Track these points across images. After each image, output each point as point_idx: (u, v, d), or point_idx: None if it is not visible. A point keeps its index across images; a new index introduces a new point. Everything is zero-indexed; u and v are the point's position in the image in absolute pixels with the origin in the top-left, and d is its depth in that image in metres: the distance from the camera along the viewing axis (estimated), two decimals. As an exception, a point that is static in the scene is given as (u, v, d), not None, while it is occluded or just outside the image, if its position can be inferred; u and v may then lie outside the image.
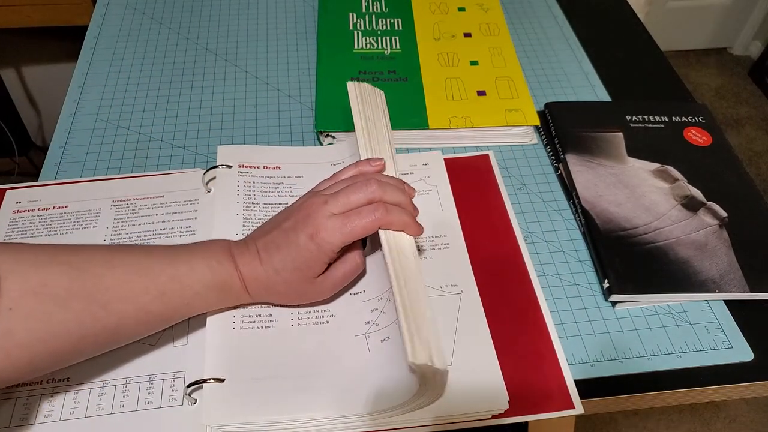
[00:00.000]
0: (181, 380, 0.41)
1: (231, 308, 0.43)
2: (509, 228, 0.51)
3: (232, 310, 0.43)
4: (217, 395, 0.40)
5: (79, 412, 0.40)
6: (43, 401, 0.40)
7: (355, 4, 0.72)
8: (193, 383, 0.40)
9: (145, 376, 0.41)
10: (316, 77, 0.65)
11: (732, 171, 0.56)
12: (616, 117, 0.60)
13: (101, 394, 0.40)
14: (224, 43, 0.70)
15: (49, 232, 0.49)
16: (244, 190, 0.51)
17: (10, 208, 0.50)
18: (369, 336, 0.43)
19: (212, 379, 0.40)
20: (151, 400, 0.40)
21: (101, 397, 0.40)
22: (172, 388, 0.41)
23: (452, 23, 0.71)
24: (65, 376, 0.41)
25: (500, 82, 0.64)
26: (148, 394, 0.41)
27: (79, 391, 0.41)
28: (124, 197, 0.51)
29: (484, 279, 0.47)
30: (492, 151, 0.58)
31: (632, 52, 0.73)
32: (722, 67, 2.05)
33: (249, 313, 0.44)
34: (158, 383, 0.41)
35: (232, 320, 0.43)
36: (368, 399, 0.40)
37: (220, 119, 0.61)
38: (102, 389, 0.41)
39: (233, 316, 0.43)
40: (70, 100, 0.62)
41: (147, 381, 0.41)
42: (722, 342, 0.46)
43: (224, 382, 0.40)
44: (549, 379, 0.42)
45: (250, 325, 0.43)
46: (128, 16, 0.72)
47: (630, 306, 0.48)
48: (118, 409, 0.40)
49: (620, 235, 0.50)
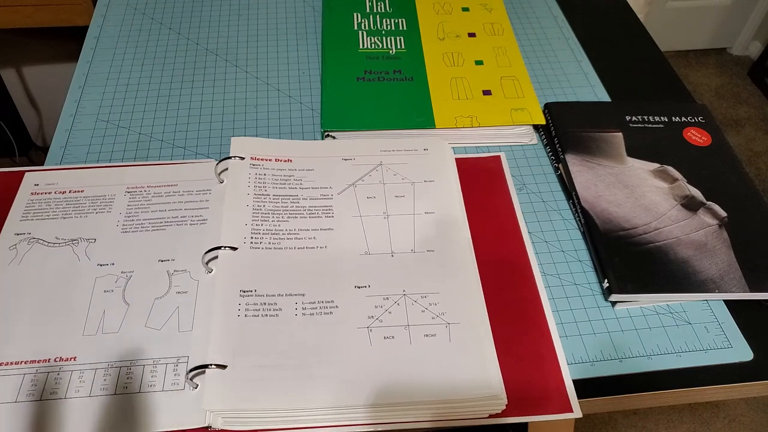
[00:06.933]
0: (184, 365, 0.42)
1: (237, 295, 0.44)
2: (517, 229, 0.51)
3: (238, 297, 0.44)
4: (218, 381, 0.40)
5: (84, 391, 0.41)
6: (50, 379, 0.41)
7: (359, 4, 0.72)
8: (195, 368, 0.41)
9: (149, 359, 0.42)
10: (321, 77, 0.65)
11: (731, 171, 0.56)
12: (616, 117, 0.61)
13: (106, 374, 0.41)
14: (224, 43, 0.70)
15: (65, 215, 0.50)
16: (256, 182, 0.52)
17: (29, 189, 0.52)
18: (372, 330, 0.43)
19: (214, 365, 0.41)
20: (154, 383, 0.41)
21: (106, 378, 0.41)
22: (174, 372, 0.42)
23: (456, 23, 0.71)
24: (72, 355, 0.42)
25: (505, 82, 0.64)
26: (151, 377, 0.41)
27: (84, 371, 0.41)
28: (138, 184, 0.53)
29: (489, 279, 0.47)
30: (504, 153, 0.58)
31: (632, 52, 0.73)
32: (722, 68, 2.05)
33: (254, 301, 0.44)
34: (162, 367, 0.42)
35: (237, 307, 0.44)
36: (369, 392, 0.40)
37: (220, 119, 0.61)
38: (107, 370, 0.42)
39: (239, 303, 0.44)
40: (70, 100, 0.62)
41: (151, 364, 0.42)
42: (722, 342, 0.46)
43: (226, 368, 0.41)
44: (548, 380, 0.43)
45: (255, 313, 0.44)
46: (128, 16, 0.72)
47: (630, 306, 0.48)
48: (121, 390, 0.41)
49: (620, 235, 0.50)
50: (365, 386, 0.40)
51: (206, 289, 0.46)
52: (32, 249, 0.48)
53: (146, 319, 0.44)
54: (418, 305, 0.45)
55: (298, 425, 0.40)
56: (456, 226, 0.50)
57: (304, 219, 0.50)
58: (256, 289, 0.45)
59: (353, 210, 0.51)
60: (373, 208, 0.51)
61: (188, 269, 0.47)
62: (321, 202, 0.51)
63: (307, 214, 0.50)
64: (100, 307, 0.45)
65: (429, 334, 0.43)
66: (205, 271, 0.47)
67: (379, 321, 0.44)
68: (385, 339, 0.43)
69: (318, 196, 0.52)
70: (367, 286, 0.46)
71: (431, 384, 0.41)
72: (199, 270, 0.47)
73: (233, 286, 0.45)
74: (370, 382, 0.41)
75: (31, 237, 0.48)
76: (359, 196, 0.52)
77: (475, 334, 0.44)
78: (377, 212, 0.51)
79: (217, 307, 0.44)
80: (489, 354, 0.43)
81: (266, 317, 0.43)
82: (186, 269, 0.47)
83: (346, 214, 0.51)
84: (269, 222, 0.49)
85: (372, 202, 0.52)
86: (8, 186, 0.52)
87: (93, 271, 0.47)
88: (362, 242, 0.49)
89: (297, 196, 0.51)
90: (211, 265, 0.47)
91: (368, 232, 0.49)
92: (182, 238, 0.49)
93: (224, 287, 0.45)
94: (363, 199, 0.52)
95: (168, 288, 0.46)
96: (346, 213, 0.51)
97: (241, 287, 0.45)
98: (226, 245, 0.47)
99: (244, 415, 0.39)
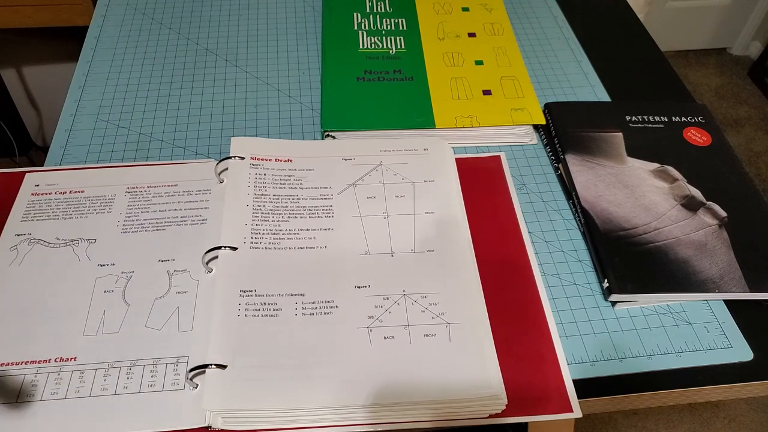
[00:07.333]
0: (184, 365, 0.42)
1: (237, 295, 0.44)
2: (517, 229, 0.51)
3: (238, 297, 0.44)
4: (218, 381, 0.40)
5: (84, 391, 0.41)
6: (50, 379, 0.41)
7: (359, 4, 0.72)
8: (195, 368, 0.41)
9: (149, 359, 0.42)
10: (321, 77, 0.65)
11: (731, 171, 0.56)
12: (616, 117, 0.61)
13: (106, 374, 0.42)
14: (224, 43, 0.70)
15: (65, 215, 0.50)
16: (256, 182, 0.52)
17: (29, 190, 0.52)
18: (372, 330, 0.43)
19: (214, 365, 0.41)
20: (154, 383, 0.41)
21: (106, 378, 0.41)
22: (175, 372, 0.42)
23: (456, 23, 0.71)
24: (72, 356, 0.42)
25: (505, 82, 0.64)
26: (151, 378, 0.41)
27: (85, 371, 0.42)
28: (139, 184, 0.53)
29: (488, 279, 0.47)
30: (504, 153, 0.58)
31: (632, 52, 0.73)
32: (722, 68, 2.05)
33: (254, 301, 0.44)
34: (162, 367, 0.42)
35: (237, 307, 0.44)
36: (368, 392, 0.40)
37: (220, 119, 0.61)
38: (107, 370, 0.42)
39: (238, 303, 0.44)
40: (70, 100, 0.62)
41: (151, 364, 0.42)
42: (722, 342, 0.46)
43: (226, 368, 0.41)
44: (548, 380, 0.43)
45: (255, 313, 0.44)
46: (128, 16, 0.72)
47: (630, 306, 0.48)
48: (122, 390, 0.41)
49: (620, 235, 0.50)
50: (365, 386, 0.40)
51: (206, 289, 0.46)
52: (33, 249, 0.48)
53: (146, 319, 0.44)
54: (418, 305, 0.45)
55: (298, 425, 0.40)
56: (456, 226, 0.50)
57: (304, 219, 0.50)
58: (256, 289, 0.45)
59: (353, 210, 0.51)
60: (373, 208, 0.51)
61: (188, 269, 0.47)
62: (321, 202, 0.51)
63: (307, 214, 0.50)
64: (100, 308, 0.45)
65: (429, 334, 0.43)
66: (205, 271, 0.47)
67: (379, 321, 0.44)
68: (385, 339, 0.43)
69: (318, 196, 0.52)
70: (367, 286, 0.46)
71: (431, 384, 0.41)
72: (199, 270, 0.47)
73: (233, 286, 0.45)
74: (369, 382, 0.41)
75: (31, 237, 0.48)
76: (359, 196, 0.52)
77: (475, 334, 0.44)
78: (377, 212, 0.51)
79: (217, 307, 0.44)
80: (489, 354, 0.43)
81: (266, 317, 0.43)
82: (186, 269, 0.47)
83: (346, 214, 0.51)
84: (269, 222, 0.49)
85: (372, 202, 0.52)
86: (9, 187, 0.52)
87: (93, 272, 0.47)
88: (362, 242, 0.49)
89: (297, 196, 0.52)
90: (211, 265, 0.47)
91: (368, 232, 0.49)
92: (182, 238, 0.49)
93: (224, 287, 0.45)
94: (363, 199, 0.52)
95: (168, 288, 0.46)
96: (346, 213, 0.51)
97: (241, 287, 0.45)
98: (226, 245, 0.47)
99: (244, 415, 0.39)
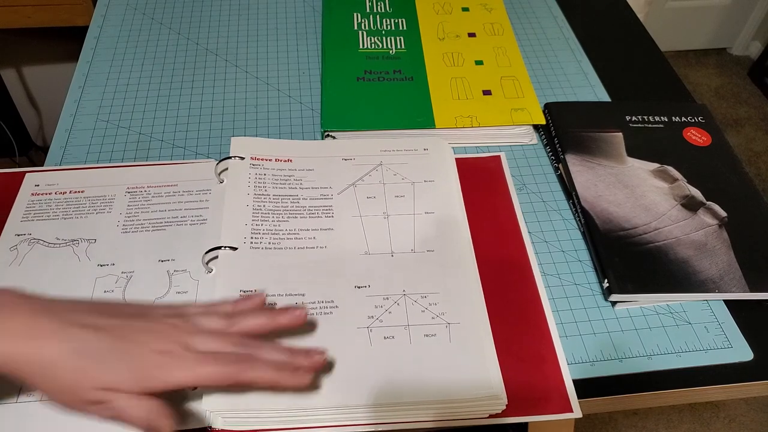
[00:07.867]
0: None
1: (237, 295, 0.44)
2: (517, 229, 0.51)
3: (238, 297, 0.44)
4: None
5: None
6: None
7: (359, 4, 0.72)
8: None
9: None
10: (321, 77, 0.65)
11: (731, 171, 0.56)
12: (616, 117, 0.61)
13: None
14: (224, 43, 0.70)
15: (65, 216, 0.50)
16: (256, 182, 0.52)
17: (29, 190, 0.52)
18: (372, 330, 0.43)
19: None
20: None
21: None
22: None
23: (456, 23, 0.71)
24: None
25: (505, 82, 0.64)
26: None
27: None
28: (139, 184, 0.53)
29: (488, 279, 0.47)
30: (504, 153, 0.58)
31: (632, 52, 0.73)
32: (722, 68, 2.05)
33: None
34: None
35: None
36: (369, 392, 0.40)
37: (220, 119, 0.61)
38: None
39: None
40: (70, 100, 0.62)
41: None
42: (722, 342, 0.46)
43: None
44: (549, 380, 0.42)
45: None
46: (128, 16, 0.72)
47: (630, 306, 0.48)
48: None
49: (620, 235, 0.50)
50: (365, 386, 0.40)
51: (206, 289, 0.46)
52: (33, 249, 0.48)
53: (146, 319, 0.44)
54: (418, 305, 0.45)
55: (298, 425, 0.40)
56: (456, 226, 0.50)
57: (304, 219, 0.50)
58: (256, 289, 0.45)
59: (353, 210, 0.51)
60: (373, 208, 0.51)
61: (188, 269, 0.47)
62: (321, 202, 0.51)
63: (307, 214, 0.50)
64: (100, 307, 0.45)
65: (429, 334, 0.43)
66: (205, 271, 0.47)
67: (379, 321, 0.44)
68: (385, 339, 0.43)
69: (318, 196, 0.52)
70: (367, 286, 0.46)
71: (431, 384, 0.41)
72: (199, 270, 0.47)
73: (233, 286, 0.45)
74: (370, 382, 0.41)
75: (31, 238, 0.48)
76: (359, 196, 0.52)
77: (475, 334, 0.44)
78: (377, 212, 0.51)
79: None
80: (489, 354, 0.43)
81: None
82: (186, 269, 0.47)
83: (346, 214, 0.51)
84: (269, 222, 0.49)
85: (372, 202, 0.52)
86: (9, 187, 0.52)
87: (93, 272, 0.47)
88: (362, 242, 0.49)
89: (297, 196, 0.52)
90: (211, 265, 0.47)
91: (368, 232, 0.49)
92: (182, 238, 0.49)
93: (224, 287, 0.45)
94: (363, 199, 0.52)
95: (168, 288, 0.46)
96: (346, 213, 0.51)
97: (241, 287, 0.45)
98: (226, 245, 0.47)
99: (244, 415, 0.39)
